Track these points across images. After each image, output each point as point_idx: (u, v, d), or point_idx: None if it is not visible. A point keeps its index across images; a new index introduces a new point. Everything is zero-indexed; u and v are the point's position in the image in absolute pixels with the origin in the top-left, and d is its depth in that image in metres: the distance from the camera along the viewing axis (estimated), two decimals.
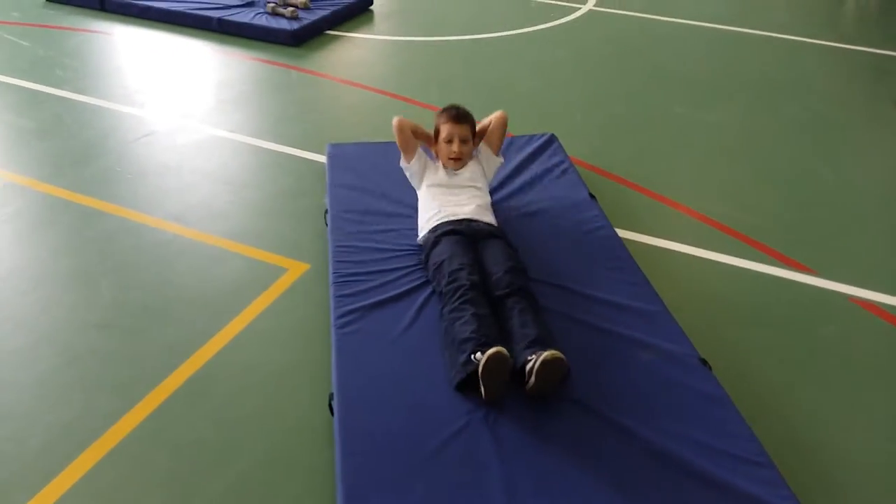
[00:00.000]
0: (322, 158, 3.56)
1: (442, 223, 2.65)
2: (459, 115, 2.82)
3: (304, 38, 5.09)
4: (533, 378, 2.05)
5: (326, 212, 3.00)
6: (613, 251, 2.81)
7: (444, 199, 2.72)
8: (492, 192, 3.02)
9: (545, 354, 2.03)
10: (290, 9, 5.20)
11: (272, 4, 5.25)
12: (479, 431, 2.02)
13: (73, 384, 2.30)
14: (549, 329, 2.27)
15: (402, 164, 2.89)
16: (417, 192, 2.91)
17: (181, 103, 4.24)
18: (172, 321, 2.56)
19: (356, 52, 5.11)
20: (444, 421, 2.05)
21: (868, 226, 3.30)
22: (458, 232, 2.59)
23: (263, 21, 5.12)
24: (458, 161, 2.81)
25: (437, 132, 2.86)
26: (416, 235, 2.75)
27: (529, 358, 2.09)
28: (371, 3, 5.81)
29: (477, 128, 2.91)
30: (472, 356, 2.08)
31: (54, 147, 3.72)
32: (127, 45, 5.12)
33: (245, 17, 5.19)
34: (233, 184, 3.41)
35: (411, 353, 2.29)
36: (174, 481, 2.01)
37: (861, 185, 3.60)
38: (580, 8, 5.93)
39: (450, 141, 2.79)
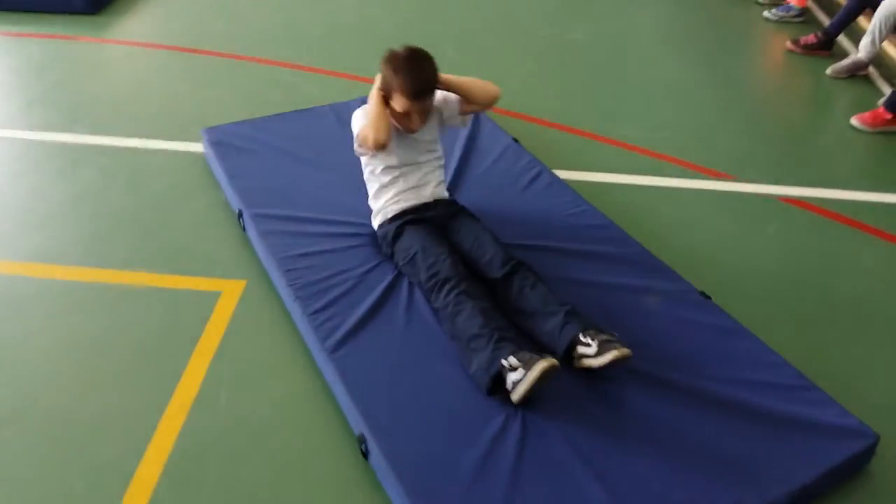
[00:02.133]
0: (191, 147, 3.01)
1: (402, 212, 2.33)
2: (424, 90, 2.20)
3: (104, 2, 4.23)
4: (594, 368, 1.92)
5: (240, 214, 2.52)
6: (564, 196, 2.67)
7: (401, 182, 2.35)
8: None
9: (615, 353, 1.87)
10: None
11: None
12: (525, 424, 1.83)
13: None
14: (565, 299, 2.10)
15: (356, 122, 2.30)
16: (363, 158, 2.40)
17: None
18: (102, 412, 1.96)
19: (175, 6, 4.37)
20: (485, 423, 1.83)
21: (764, 126, 3.46)
22: (422, 220, 2.30)
23: None
24: (415, 126, 2.28)
25: (386, 89, 2.22)
26: (366, 220, 2.42)
27: (585, 342, 1.93)
28: None
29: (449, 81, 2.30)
30: (502, 361, 1.86)
31: None
32: None
33: None
34: (87, 198, 2.77)
35: (419, 358, 2.02)
36: None
37: (740, 85, 3.78)
38: None
39: (407, 114, 2.23)
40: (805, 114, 3.69)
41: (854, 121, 3.37)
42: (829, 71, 3.81)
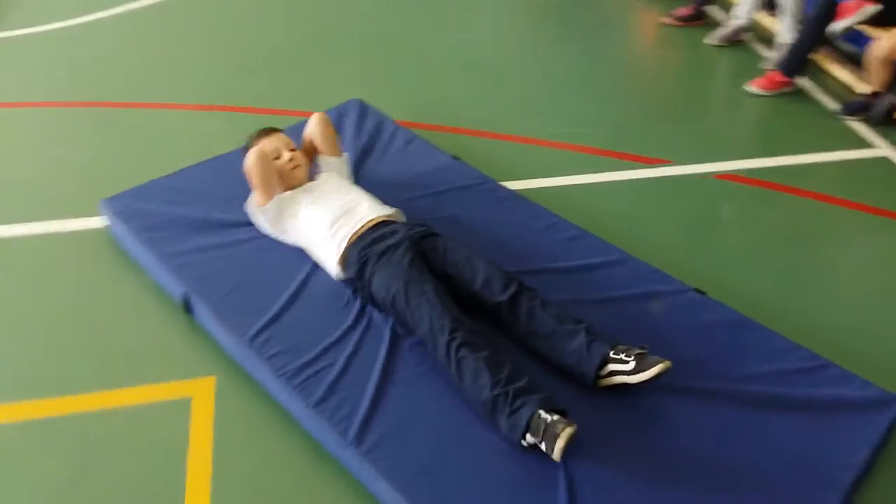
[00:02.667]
0: (89, 224, 2.58)
1: (353, 246, 2.13)
2: (267, 129, 2.49)
3: None
4: (633, 385, 1.83)
5: (185, 298, 2.17)
6: (527, 211, 2.55)
7: (328, 217, 2.19)
8: None
9: (660, 367, 1.78)
10: None
11: None
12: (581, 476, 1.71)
13: None
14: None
15: (254, 207, 2.34)
16: (283, 236, 2.33)
17: None
18: None
19: (6, 54, 3.76)
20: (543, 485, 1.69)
21: (674, 106, 3.52)
22: (386, 251, 2.08)
23: None
24: (299, 168, 2.39)
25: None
26: (324, 272, 2.22)
27: (619, 359, 1.84)
28: None
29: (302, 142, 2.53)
30: (523, 437, 1.73)
31: None
32: None
33: None
34: None
35: (452, 427, 1.82)
36: None
37: (634, 67, 3.84)
38: None
39: (278, 156, 2.39)
40: (705, 86, 3.80)
41: (751, 87, 3.51)
42: (711, 40, 3.94)
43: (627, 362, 1.83)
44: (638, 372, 1.81)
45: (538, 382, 1.83)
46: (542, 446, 1.70)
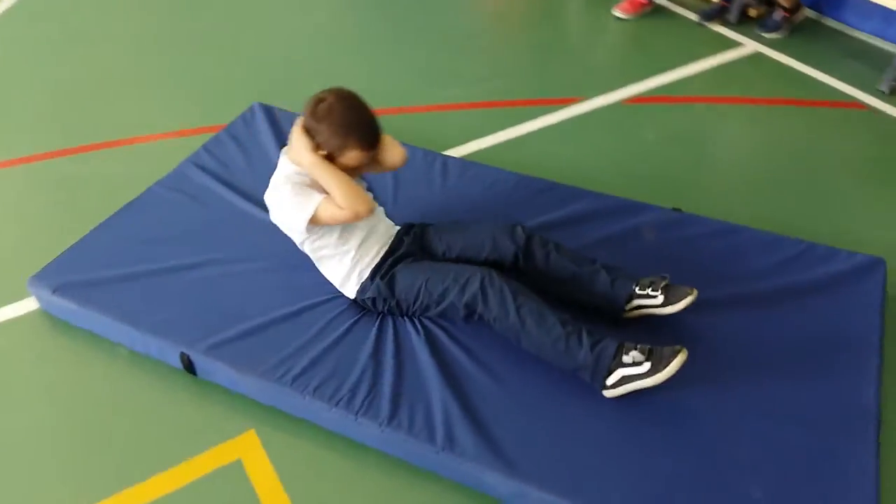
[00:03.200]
0: (18, 310, 2.21)
1: (380, 262, 2.01)
2: (379, 132, 1.91)
3: None
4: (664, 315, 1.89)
5: (185, 357, 1.94)
6: (489, 177, 2.50)
7: (360, 235, 1.99)
8: None
9: (690, 297, 1.85)
10: None
11: None
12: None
13: None
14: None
15: (325, 208, 1.86)
16: (311, 244, 1.99)
17: None
18: None
19: None
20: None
21: (555, 48, 3.63)
22: (399, 260, 2.01)
23: None
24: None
25: (328, 148, 1.86)
26: (317, 294, 2.06)
27: (646, 293, 1.89)
28: None
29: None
30: (623, 357, 1.74)
31: None
32: None
33: None
34: None
35: (522, 400, 1.80)
36: None
37: (479, 18, 3.86)
38: None
39: (358, 166, 1.93)
40: (575, 22, 3.91)
41: (617, 12, 3.68)
42: None
43: (655, 296, 1.88)
44: (668, 304, 1.87)
45: None
46: (638, 370, 1.70)
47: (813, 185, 2.64)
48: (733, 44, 3.45)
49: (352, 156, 1.86)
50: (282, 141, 2.66)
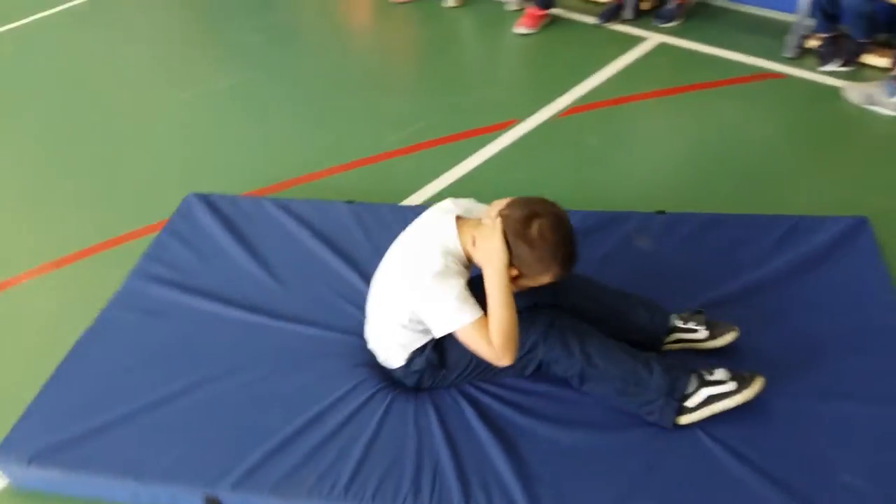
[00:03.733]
0: None
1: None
2: (574, 264, 1.70)
3: None
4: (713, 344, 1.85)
5: (211, 500, 1.70)
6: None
7: None
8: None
9: (734, 333, 1.83)
10: None
11: None
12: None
13: None
14: None
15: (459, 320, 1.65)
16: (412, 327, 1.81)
17: None
18: None
19: None
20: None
21: (465, 75, 3.61)
22: None
23: None
24: None
25: (519, 266, 1.64)
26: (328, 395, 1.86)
27: (688, 328, 1.85)
28: None
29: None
30: (706, 377, 1.69)
31: None
32: None
33: None
34: None
35: (584, 450, 1.69)
36: None
37: (384, 57, 3.77)
38: None
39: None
40: (481, 45, 3.92)
41: (519, 29, 3.68)
42: (448, 2, 4.03)
43: (697, 331, 1.85)
44: (712, 339, 1.84)
45: None
46: (725, 388, 1.65)
47: (759, 160, 2.71)
48: (637, 39, 3.53)
49: (542, 280, 1.68)
50: (232, 230, 2.45)
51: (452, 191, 2.70)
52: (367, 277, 2.13)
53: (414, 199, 2.65)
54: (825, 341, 1.87)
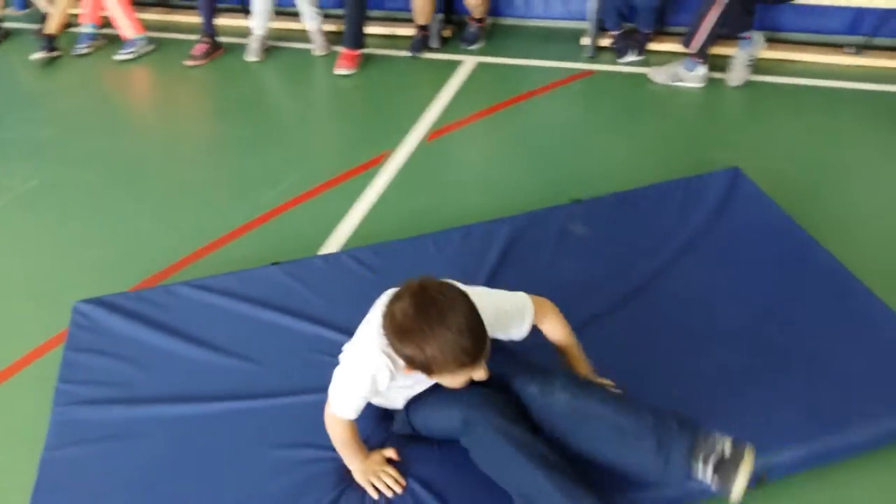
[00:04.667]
0: None
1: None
2: (481, 347, 1.44)
3: None
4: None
5: None
6: (377, 255, 2.34)
7: None
8: None
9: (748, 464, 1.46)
10: None
11: None
12: None
13: None
14: None
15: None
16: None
17: None
18: None
19: None
20: None
21: (315, 124, 3.56)
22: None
23: None
24: None
25: (428, 371, 1.47)
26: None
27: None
28: None
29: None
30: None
31: None
32: None
33: None
34: None
35: None
36: None
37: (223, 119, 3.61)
38: None
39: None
40: (308, 94, 3.84)
41: (340, 70, 3.69)
42: (249, 56, 3.92)
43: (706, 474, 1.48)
44: (725, 483, 1.46)
45: None
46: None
47: (603, 145, 3.07)
48: (456, 63, 3.75)
49: (449, 378, 1.50)
50: (156, 325, 2.14)
51: (364, 227, 2.65)
52: (337, 328, 2.04)
53: (330, 246, 2.54)
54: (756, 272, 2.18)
